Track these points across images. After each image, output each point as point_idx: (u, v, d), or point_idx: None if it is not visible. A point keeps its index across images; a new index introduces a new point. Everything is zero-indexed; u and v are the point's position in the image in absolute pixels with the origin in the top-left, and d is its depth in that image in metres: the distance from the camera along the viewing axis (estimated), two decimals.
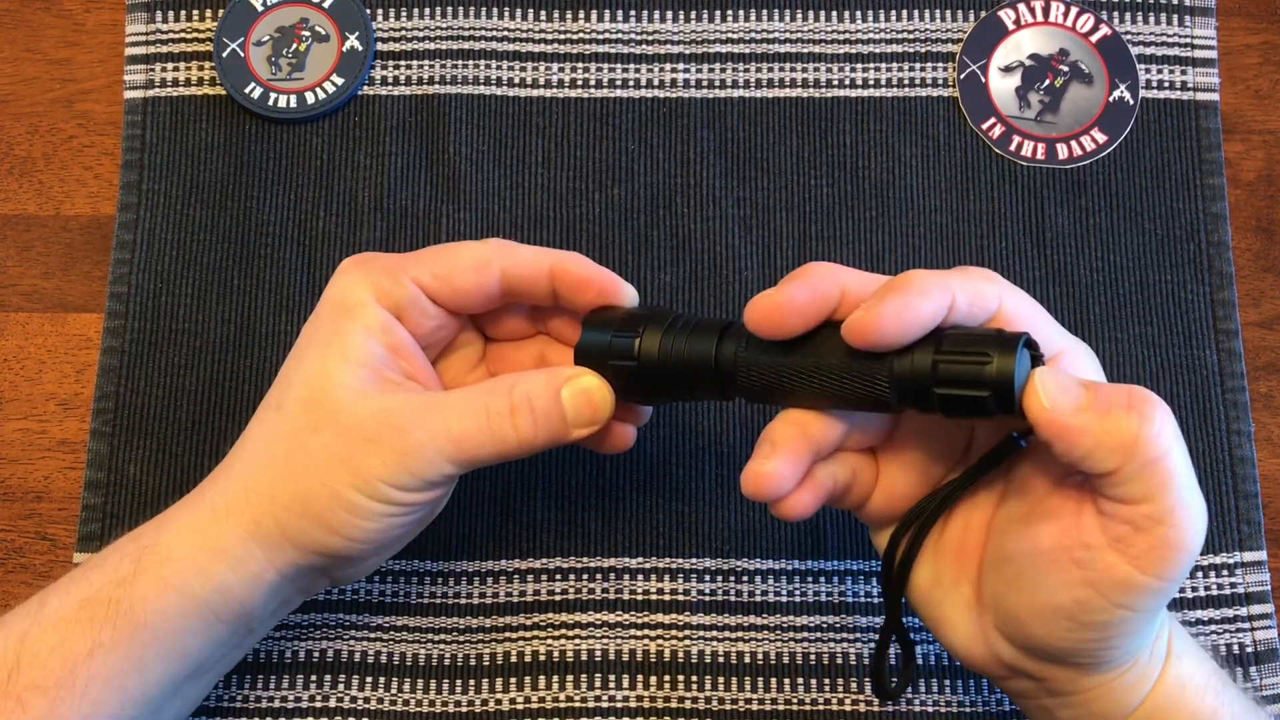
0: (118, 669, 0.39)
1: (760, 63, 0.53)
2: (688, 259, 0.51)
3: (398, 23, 0.53)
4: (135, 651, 0.39)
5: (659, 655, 0.47)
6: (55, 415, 0.50)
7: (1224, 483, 0.49)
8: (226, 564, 0.39)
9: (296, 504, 0.39)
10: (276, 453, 0.40)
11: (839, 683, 0.47)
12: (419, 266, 0.41)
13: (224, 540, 0.39)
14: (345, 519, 0.39)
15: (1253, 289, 0.52)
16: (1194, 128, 0.52)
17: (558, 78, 0.53)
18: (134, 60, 0.53)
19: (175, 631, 0.39)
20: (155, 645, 0.39)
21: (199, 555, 0.39)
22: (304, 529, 0.39)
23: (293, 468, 0.39)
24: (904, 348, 0.35)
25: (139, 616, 0.39)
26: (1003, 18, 0.53)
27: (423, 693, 0.47)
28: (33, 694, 0.38)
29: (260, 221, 0.51)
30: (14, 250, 0.52)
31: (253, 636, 0.43)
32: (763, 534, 0.48)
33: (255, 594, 0.40)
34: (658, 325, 0.39)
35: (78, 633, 0.39)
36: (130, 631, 0.39)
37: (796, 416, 0.37)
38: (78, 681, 0.38)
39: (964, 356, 0.34)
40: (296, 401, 0.40)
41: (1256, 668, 0.47)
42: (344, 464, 0.38)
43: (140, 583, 0.39)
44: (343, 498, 0.38)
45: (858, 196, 0.52)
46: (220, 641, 0.41)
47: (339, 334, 0.40)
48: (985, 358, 0.34)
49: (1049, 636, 0.36)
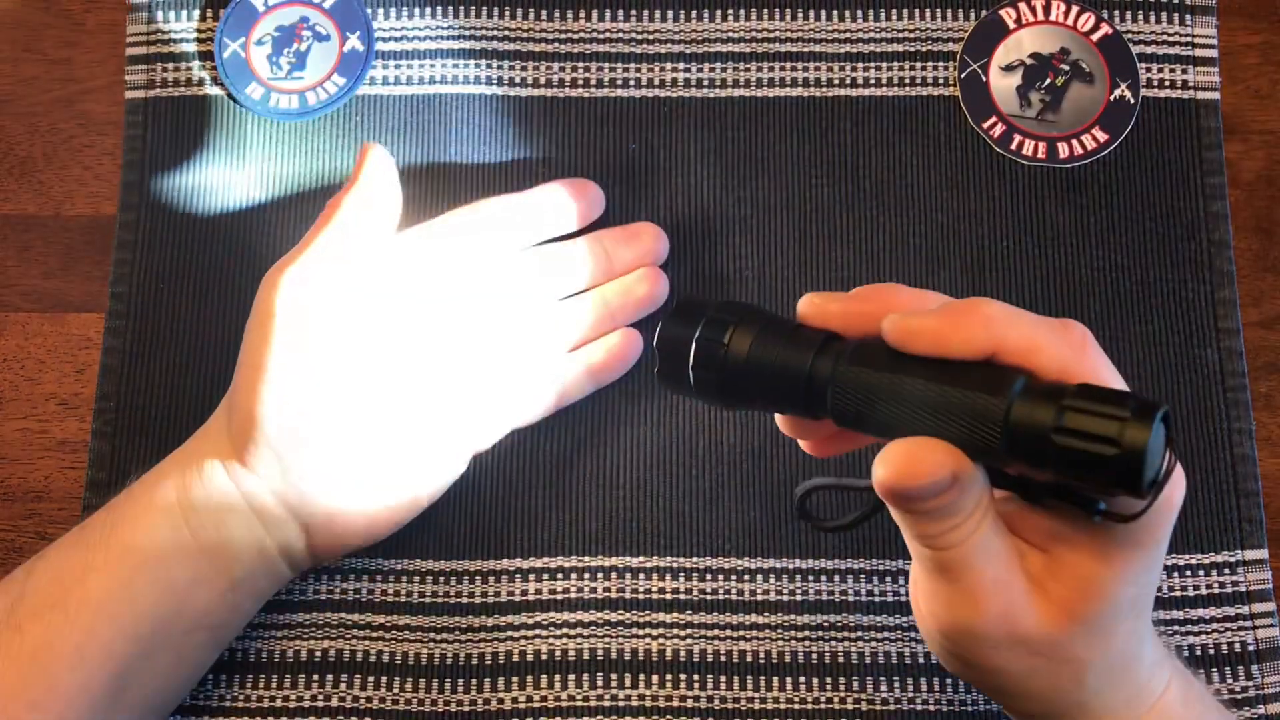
0: (108, 594, 0.40)
1: (760, 62, 0.53)
2: (688, 258, 0.51)
3: (398, 22, 0.53)
4: (124, 575, 0.41)
5: (660, 654, 0.47)
6: (55, 415, 0.50)
7: (1225, 481, 0.49)
8: (197, 481, 0.42)
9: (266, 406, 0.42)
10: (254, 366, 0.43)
11: (840, 681, 0.47)
12: None
13: (197, 457, 0.43)
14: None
15: (1253, 289, 0.52)
16: (1194, 126, 0.52)
17: (558, 77, 0.53)
18: (135, 60, 0.53)
19: (160, 556, 0.41)
20: (143, 570, 0.41)
21: (178, 475, 0.42)
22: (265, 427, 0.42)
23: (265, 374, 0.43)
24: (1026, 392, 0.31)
25: (126, 538, 0.41)
26: (1003, 16, 0.53)
27: (424, 692, 0.47)
28: (30, 620, 0.40)
29: (261, 221, 0.51)
30: (14, 250, 0.52)
31: (237, 595, 0.43)
32: (763, 533, 0.48)
33: (227, 518, 0.42)
34: (749, 326, 0.36)
35: (74, 556, 0.41)
36: (120, 553, 0.41)
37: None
38: (70, 604, 0.40)
39: (1097, 407, 0.30)
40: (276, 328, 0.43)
41: (1258, 666, 0.47)
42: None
43: (129, 508, 0.42)
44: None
45: (858, 196, 0.52)
46: (205, 581, 0.42)
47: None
48: (1122, 414, 0.30)
49: None
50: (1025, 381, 0.32)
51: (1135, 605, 0.35)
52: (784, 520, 0.49)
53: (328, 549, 0.45)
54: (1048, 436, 0.30)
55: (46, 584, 0.40)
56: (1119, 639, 0.36)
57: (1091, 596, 0.34)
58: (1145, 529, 0.33)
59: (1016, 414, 0.31)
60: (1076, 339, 0.33)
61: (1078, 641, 0.35)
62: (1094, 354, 0.33)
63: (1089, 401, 0.30)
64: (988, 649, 0.36)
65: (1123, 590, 0.34)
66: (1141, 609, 0.36)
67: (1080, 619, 0.34)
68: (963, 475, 0.32)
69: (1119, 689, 0.37)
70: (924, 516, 0.34)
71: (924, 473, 0.32)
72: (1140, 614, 0.36)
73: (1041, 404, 0.31)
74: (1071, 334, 0.33)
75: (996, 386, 0.32)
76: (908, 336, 0.33)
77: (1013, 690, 0.37)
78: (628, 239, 0.50)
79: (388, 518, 0.45)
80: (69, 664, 0.39)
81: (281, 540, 0.44)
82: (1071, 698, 0.37)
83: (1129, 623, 0.36)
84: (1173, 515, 0.34)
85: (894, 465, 0.32)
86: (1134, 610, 0.36)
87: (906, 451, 0.32)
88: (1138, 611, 0.36)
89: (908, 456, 0.32)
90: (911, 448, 0.32)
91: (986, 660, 0.36)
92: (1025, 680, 0.37)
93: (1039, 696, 0.37)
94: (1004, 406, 0.31)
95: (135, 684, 0.41)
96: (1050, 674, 0.36)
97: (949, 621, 0.36)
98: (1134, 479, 0.30)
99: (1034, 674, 0.36)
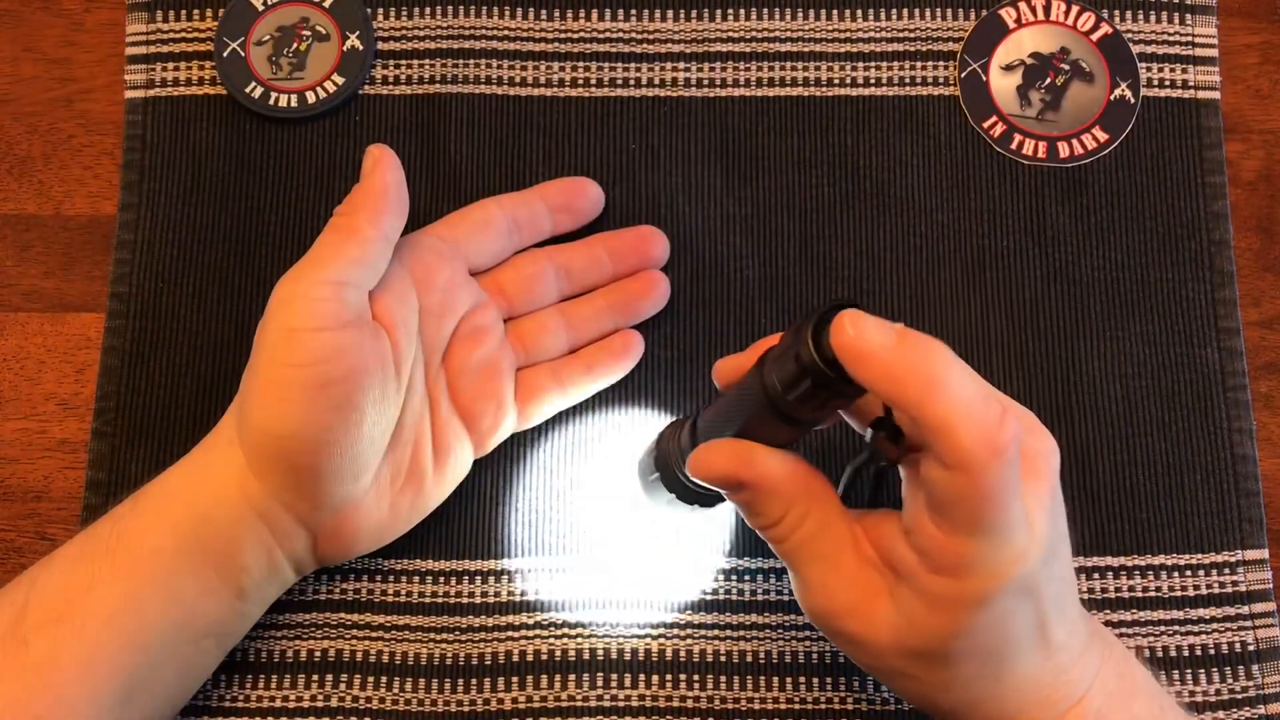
0: (115, 606, 0.40)
1: (760, 61, 0.53)
2: (688, 258, 0.51)
3: (398, 22, 0.53)
4: (131, 587, 0.40)
5: (661, 654, 0.47)
6: (55, 415, 0.50)
7: (1225, 480, 0.49)
8: (207, 492, 0.42)
9: (271, 422, 0.41)
10: (257, 380, 0.42)
11: (841, 682, 0.47)
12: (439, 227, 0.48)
13: (205, 469, 0.42)
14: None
15: (1253, 288, 0.52)
16: (1195, 126, 0.52)
17: (558, 77, 0.53)
18: (134, 60, 0.53)
19: (169, 569, 0.41)
20: (150, 583, 0.40)
21: (185, 487, 0.42)
22: (274, 444, 0.41)
23: (270, 395, 0.41)
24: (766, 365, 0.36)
25: (134, 550, 0.40)
26: (1003, 16, 0.53)
27: (424, 692, 0.47)
28: (35, 633, 0.39)
29: (261, 221, 0.51)
30: (14, 250, 0.52)
31: (245, 604, 0.43)
32: None
33: (238, 534, 0.42)
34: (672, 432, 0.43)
35: (79, 569, 0.40)
36: (127, 566, 0.40)
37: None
38: (76, 617, 0.39)
39: (784, 352, 0.34)
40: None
41: (1259, 665, 0.47)
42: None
43: (136, 518, 0.41)
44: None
45: (858, 195, 0.52)
46: (213, 592, 0.42)
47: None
48: (795, 342, 0.34)
49: None
50: (762, 358, 0.36)
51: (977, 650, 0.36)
52: None
53: (336, 555, 0.45)
54: (781, 398, 0.34)
55: (51, 595, 0.40)
56: (964, 673, 0.36)
57: (917, 636, 0.36)
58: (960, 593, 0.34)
59: (764, 392, 0.35)
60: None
61: (917, 666, 0.37)
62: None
63: (784, 341, 0.35)
64: (830, 637, 0.39)
65: (954, 640, 0.35)
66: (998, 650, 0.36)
67: (908, 647, 0.36)
68: (742, 476, 0.37)
69: (991, 713, 0.37)
70: (743, 510, 0.39)
71: (708, 468, 0.38)
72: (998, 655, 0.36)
73: (769, 372, 0.35)
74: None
75: (753, 376, 0.36)
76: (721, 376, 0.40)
77: (894, 688, 0.39)
78: (628, 241, 0.50)
79: (395, 524, 0.45)
80: (76, 677, 0.39)
81: (290, 549, 0.43)
82: (926, 708, 0.38)
83: (977, 661, 0.36)
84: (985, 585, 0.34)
85: (691, 462, 0.39)
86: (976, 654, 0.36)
87: (701, 450, 0.38)
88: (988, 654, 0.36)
89: (699, 454, 0.38)
90: (705, 447, 0.38)
91: (848, 653, 0.39)
92: (875, 676, 0.39)
93: (914, 697, 0.38)
94: (757, 390, 0.35)
95: (142, 694, 0.40)
96: (894, 681, 0.38)
97: (800, 603, 0.39)
98: (827, 373, 0.33)
99: (879, 674, 0.39)
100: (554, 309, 0.49)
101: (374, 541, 0.45)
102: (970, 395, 0.32)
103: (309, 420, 0.40)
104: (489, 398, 0.46)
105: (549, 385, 0.48)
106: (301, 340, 0.40)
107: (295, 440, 0.41)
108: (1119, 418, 0.49)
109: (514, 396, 0.47)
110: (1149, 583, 0.48)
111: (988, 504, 0.33)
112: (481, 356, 0.46)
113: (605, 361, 0.48)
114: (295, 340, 0.40)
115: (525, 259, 0.49)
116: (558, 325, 0.48)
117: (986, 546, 0.33)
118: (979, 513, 0.33)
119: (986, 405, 0.32)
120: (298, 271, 0.42)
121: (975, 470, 0.32)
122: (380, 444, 0.43)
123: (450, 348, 0.46)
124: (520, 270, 0.48)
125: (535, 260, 0.49)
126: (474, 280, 0.48)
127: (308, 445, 0.41)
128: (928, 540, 0.34)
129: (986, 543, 0.33)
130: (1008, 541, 0.34)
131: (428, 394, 0.46)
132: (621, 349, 0.49)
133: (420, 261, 0.46)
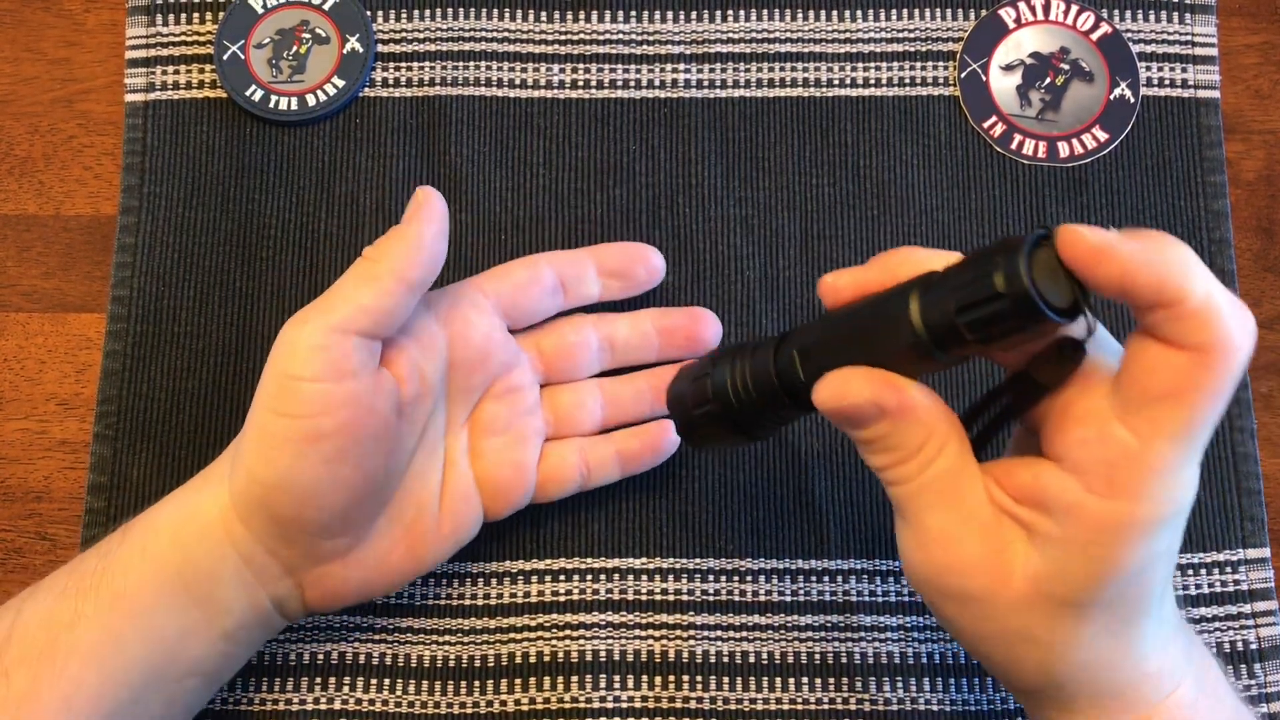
0: (97, 642, 0.39)
1: (761, 62, 0.53)
2: (689, 259, 0.51)
3: (398, 24, 0.53)
4: (114, 625, 0.39)
5: (663, 655, 0.47)
6: (55, 415, 0.50)
7: (1227, 480, 0.49)
8: (193, 535, 0.40)
9: (261, 467, 0.40)
10: (254, 424, 0.40)
11: (843, 682, 0.47)
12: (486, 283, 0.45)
13: (194, 512, 0.41)
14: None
15: (1253, 289, 0.52)
16: (1195, 125, 0.52)
17: (558, 78, 0.53)
18: (134, 64, 0.53)
19: (152, 609, 0.39)
20: (132, 620, 0.39)
21: (172, 527, 0.41)
22: (265, 492, 0.40)
23: (265, 438, 0.40)
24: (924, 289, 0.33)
25: (117, 586, 0.39)
26: (1003, 16, 0.53)
27: (427, 694, 0.47)
28: (17, 667, 0.38)
29: (262, 224, 0.51)
30: (14, 250, 0.52)
31: (229, 645, 0.42)
32: (766, 534, 0.48)
33: (222, 575, 0.40)
34: (726, 360, 0.38)
35: (63, 604, 0.39)
36: (110, 602, 0.39)
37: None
38: (59, 654, 0.38)
39: (970, 273, 0.32)
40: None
41: (1260, 665, 0.47)
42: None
43: (122, 553, 0.40)
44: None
45: (859, 196, 0.52)
46: (195, 633, 0.40)
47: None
48: (991, 265, 0.31)
49: None
50: (921, 281, 0.33)
51: (1118, 600, 0.33)
52: (787, 521, 0.48)
53: (323, 606, 0.43)
54: (952, 324, 0.32)
55: (35, 629, 0.39)
56: (1093, 630, 0.34)
57: (1065, 581, 0.33)
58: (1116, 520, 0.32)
59: (921, 315, 0.32)
60: None
61: (1049, 622, 0.34)
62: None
63: (963, 271, 0.32)
64: (938, 599, 0.36)
65: (1107, 582, 0.33)
66: (1133, 603, 0.34)
67: (1046, 597, 0.33)
68: (887, 404, 0.34)
69: (1102, 683, 0.35)
70: (865, 447, 0.35)
71: (845, 396, 0.34)
72: (1130, 609, 0.34)
73: (937, 295, 0.32)
74: None
75: (900, 299, 0.33)
76: (833, 291, 0.36)
77: (980, 654, 0.36)
78: (678, 321, 0.47)
79: (385, 581, 0.44)
80: (56, 713, 0.38)
81: (275, 595, 0.42)
82: (1038, 679, 0.35)
83: (1114, 614, 0.34)
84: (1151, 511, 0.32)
85: (820, 390, 0.35)
86: (1115, 604, 0.33)
87: (834, 378, 0.34)
88: (1125, 605, 0.34)
89: (832, 382, 0.34)
90: (840, 374, 0.34)
91: (941, 611, 0.36)
92: (983, 645, 0.36)
93: (1003, 668, 0.36)
94: (906, 313, 0.33)
95: None
96: (1009, 648, 0.35)
97: (904, 562, 0.36)
98: (1030, 308, 0.30)
99: (990, 641, 0.35)
100: (593, 383, 0.47)
101: (361, 596, 0.44)
102: (1218, 281, 0.30)
103: (297, 472, 0.39)
104: (511, 465, 0.45)
105: (574, 465, 0.46)
106: (296, 389, 0.39)
107: (280, 491, 0.39)
108: None
109: (537, 468, 0.45)
110: None
111: (1213, 398, 0.30)
112: (510, 420, 0.45)
113: (637, 453, 0.46)
114: (289, 389, 0.39)
115: (570, 325, 0.47)
116: (595, 402, 0.46)
117: (1180, 459, 0.31)
118: (1203, 405, 0.30)
119: (1231, 293, 0.31)
120: (306, 314, 0.40)
121: (1226, 353, 0.30)
122: (376, 500, 0.42)
123: (479, 406, 0.45)
124: (563, 336, 0.46)
125: (580, 328, 0.47)
126: (513, 339, 0.46)
127: (293, 497, 0.39)
128: (1116, 449, 0.31)
129: (1183, 452, 0.31)
130: (1195, 459, 0.32)
131: (445, 453, 0.44)
132: (655, 442, 0.46)
133: (457, 314, 0.44)
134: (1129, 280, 0.30)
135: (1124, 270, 0.30)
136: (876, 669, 0.47)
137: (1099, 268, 0.30)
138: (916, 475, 0.34)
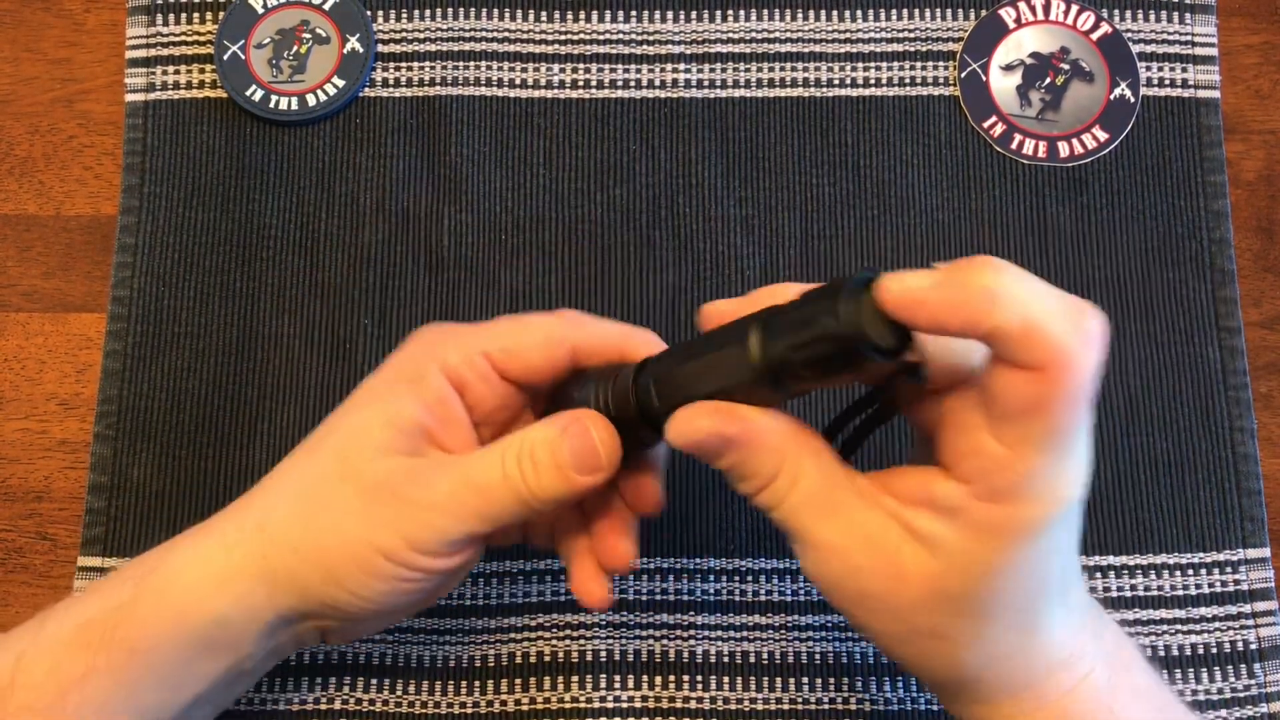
0: (111, 695, 0.38)
1: (761, 62, 0.53)
2: (690, 259, 0.51)
3: (398, 24, 0.53)
4: (129, 678, 0.38)
5: (664, 655, 0.47)
6: (55, 415, 0.50)
7: (1227, 480, 0.49)
8: (228, 597, 0.39)
9: (312, 551, 0.38)
10: (299, 494, 0.39)
11: (844, 682, 0.47)
12: (491, 340, 0.41)
13: (229, 573, 0.39)
14: (358, 577, 0.38)
15: (1253, 289, 0.52)
16: (1195, 125, 0.52)
17: (558, 78, 0.53)
18: (135, 63, 0.53)
19: (170, 661, 0.39)
20: (149, 674, 0.39)
21: (201, 585, 0.39)
22: (314, 578, 0.38)
23: (312, 512, 0.38)
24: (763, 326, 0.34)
25: (134, 642, 0.38)
26: (1003, 16, 0.53)
27: (428, 694, 0.47)
28: (24, 716, 0.37)
29: (262, 224, 0.51)
30: (14, 250, 0.52)
31: (243, 680, 0.42)
32: (767, 534, 0.48)
33: (251, 631, 0.39)
34: (592, 384, 0.39)
35: (73, 656, 0.38)
36: (125, 657, 0.38)
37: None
38: (69, 705, 0.38)
39: (803, 313, 0.33)
40: (331, 450, 0.39)
41: (1260, 664, 0.47)
42: (365, 520, 0.38)
43: (139, 608, 0.39)
44: (360, 556, 0.38)
45: (859, 195, 0.52)
46: (212, 679, 0.40)
47: (393, 397, 0.39)
48: (821, 308, 0.32)
49: None
50: (761, 318, 0.34)
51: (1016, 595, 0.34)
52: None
53: (339, 641, 0.44)
54: (787, 361, 0.33)
55: (42, 679, 0.38)
56: (996, 625, 0.35)
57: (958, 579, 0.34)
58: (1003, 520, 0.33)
59: (759, 352, 0.33)
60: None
61: (950, 618, 0.35)
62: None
63: (799, 309, 0.33)
64: (847, 606, 0.36)
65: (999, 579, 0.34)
66: (1033, 597, 0.35)
67: (943, 596, 0.34)
68: (731, 435, 0.35)
69: (1013, 674, 0.35)
70: (729, 477, 0.36)
71: (690, 432, 0.35)
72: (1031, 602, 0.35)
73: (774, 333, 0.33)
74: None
75: (741, 333, 0.34)
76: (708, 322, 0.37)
77: (895, 656, 0.37)
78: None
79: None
80: None
81: (300, 640, 0.42)
82: (950, 674, 0.36)
83: (1013, 610, 0.34)
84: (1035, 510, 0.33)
85: (670, 428, 0.36)
86: (1014, 600, 0.34)
87: (682, 414, 0.35)
88: (1025, 599, 0.34)
89: (680, 418, 0.35)
90: (686, 410, 0.35)
91: (853, 619, 0.37)
92: (896, 646, 0.36)
93: (916, 666, 0.37)
94: (746, 349, 0.34)
95: None
96: (918, 646, 0.36)
97: (809, 578, 0.37)
98: (856, 350, 0.32)
99: (901, 641, 0.36)
100: None
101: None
102: (1042, 291, 0.31)
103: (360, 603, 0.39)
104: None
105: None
106: (412, 561, 0.38)
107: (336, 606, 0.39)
108: (1120, 417, 0.49)
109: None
110: (1150, 581, 0.48)
111: (1066, 407, 0.31)
112: None
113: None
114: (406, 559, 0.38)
115: None
116: None
117: (1052, 462, 0.32)
118: (1057, 417, 0.31)
119: (1063, 298, 0.31)
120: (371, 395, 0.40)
121: (1064, 367, 0.30)
122: (403, 549, 0.40)
123: None
124: None
125: None
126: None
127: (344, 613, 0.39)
128: (989, 461, 0.32)
129: (1054, 457, 0.32)
130: (1072, 458, 0.32)
131: None
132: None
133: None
134: (942, 325, 0.31)
135: (934, 316, 0.31)
136: (876, 669, 0.47)
137: (914, 316, 0.31)
138: (786, 497, 0.35)
